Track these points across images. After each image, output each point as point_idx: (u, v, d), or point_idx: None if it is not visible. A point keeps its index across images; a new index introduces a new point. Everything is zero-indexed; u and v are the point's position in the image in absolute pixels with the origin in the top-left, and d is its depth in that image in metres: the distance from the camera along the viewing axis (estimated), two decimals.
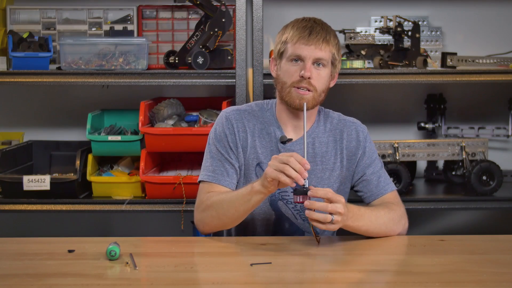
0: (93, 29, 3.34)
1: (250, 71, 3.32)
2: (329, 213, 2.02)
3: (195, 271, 1.92)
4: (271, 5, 3.43)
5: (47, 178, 3.07)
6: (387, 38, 3.35)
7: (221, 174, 2.29)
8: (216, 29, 3.09)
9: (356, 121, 2.42)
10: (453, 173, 3.40)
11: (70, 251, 2.05)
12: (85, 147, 3.19)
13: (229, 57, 3.16)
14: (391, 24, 3.25)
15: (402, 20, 3.21)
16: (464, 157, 3.23)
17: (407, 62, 3.18)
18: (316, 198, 2.05)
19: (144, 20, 3.34)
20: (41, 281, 1.81)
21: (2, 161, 3.11)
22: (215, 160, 2.31)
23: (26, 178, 3.06)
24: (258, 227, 2.34)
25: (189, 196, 3.03)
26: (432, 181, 3.50)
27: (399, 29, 3.18)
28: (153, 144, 3.08)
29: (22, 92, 3.56)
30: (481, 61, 3.25)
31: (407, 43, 3.23)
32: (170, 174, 3.17)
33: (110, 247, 1.96)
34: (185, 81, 3.11)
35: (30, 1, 3.40)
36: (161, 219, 3.47)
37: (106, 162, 3.31)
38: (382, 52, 3.28)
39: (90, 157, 3.15)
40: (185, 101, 3.31)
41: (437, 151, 3.25)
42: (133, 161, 3.33)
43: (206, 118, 3.17)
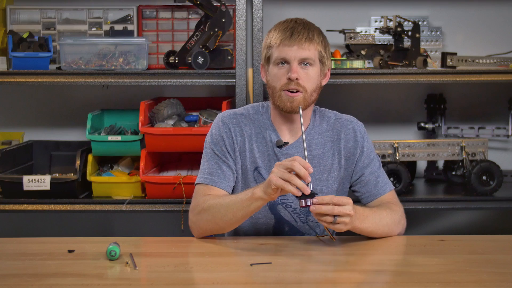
0: (93, 29, 3.35)
1: (250, 71, 3.32)
2: (333, 215, 2.01)
3: (195, 271, 1.92)
4: (271, 5, 3.43)
5: (47, 178, 3.07)
6: (387, 38, 3.35)
7: (217, 177, 2.27)
8: (216, 29, 3.09)
9: (353, 119, 2.39)
10: (453, 173, 3.40)
11: (70, 251, 2.05)
12: (85, 147, 3.19)
13: (229, 57, 3.16)
14: (391, 24, 3.25)
15: (402, 20, 3.21)
16: (464, 157, 3.23)
17: (407, 62, 3.18)
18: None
19: (144, 20, 3.34)
20: (41, 281, 1.81)
21: (2, 161, 3.11)
22: (211, 162, 2.29)
23: (26, 178, 3.07)
24: (257, 231, 2.33)
25: (189, 196, 3.02)
26: (432, 181, 3.50)
27: (399, 29, 3.18)
28: (153, 144, 3.08)
29: (22, 92, 3.56)
30: (481, 61, 3.25)
31: (407, 43, 3.23)
32: (170, 174, 3.17)
33: (110, 247, 1.96)
34: (185, 81, 3.11)
35: (30, 1, 3.40)
36: (161, 219, 3.47)
37: (106, 162, 3.31)
38: (382, 52, 3.28)
39: (90, 157, 3.15)
40: (185, 101, 3.31)
41: (437, 151, 3.25)
42: (133, 161, 3.33)
43: (206, 118, 3.17)
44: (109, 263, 1.95)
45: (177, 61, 3.14)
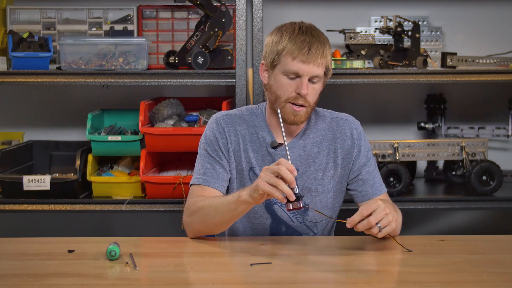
0: (93, 29, 3.35)
1: (250, 71, 3.32)
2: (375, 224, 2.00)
3: (195, 271, 1.92)
4: (271, 5, 3.43)
5: (47, 178, 3.07)
6: (387, 38, 3.35)
7: (211, 177, 2.27)
8: (216, 29, 3.09)
9: (349, 117, 2.38)
10: (453, 173, 3.40)
11: (70, 251, 2.05)
12: (85, 147, 3.19)
13: (229, 57, 3.16)
14: (391, 24, 3.25)
15: (402, 20, 3.21)
16: (464, 157, 3.23)
17: (407, 62, 3.18)
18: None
19: (144, 20, 3.34)
20: (41, 281, 1.81)
21: (2, 161, 3.11)
22: (205, 163, 2.30)
23: (26, 178, 3.07)
24: (254, 231, 2.33)
25: None
26: (432, 181, 3.50)
27: (399, 29, 3.18)
28: (153, 144, 3.08)
29: (22, 92, 3.56)
30: (481, 61, 3.24)
31: (407, 43, 3.23)
32: (170, 174, 3.17)
33: (110, 247, 1.96)
34: (185, 81, 3.11)
35: (30, 1, 3.40)
36: (161, 219, 3.48)
37: (106, 162, 3.31)
38: (382, 52, 3.28)
39: (90, 157, 3.15)
40: (185, 101, 3.31)
41: (437, 151, 3.25)
42: (133, 161, 3.33)
43: (206, 118, 3.17)
44: (109, 263, 1.95)
45: (177, 61, 3.14)
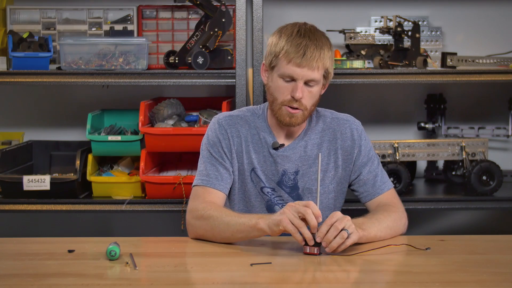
0: (93, 29, 3.34)
1: (250, 71, 3.32)
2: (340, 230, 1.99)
3: (195, 271, 1.92)
4: (271, 5, 3.43)
5: (47, 178, 3.07)
6: (387, 38, 3.35)
7: (215, 178, 2.27)
8: (216, 29, 3.09)
9: (350, 117, 2.39)
10: (453, 173, 3.40)
11: (70, 251, 2.05)
12: (85, 147, 3.19)
13: (229, 57, 3.16)
14: (391, 24, 3.25)
15: (402, 20, 3.21)
16: (464, 157, 3.23)
17: (407, 62, 3.17)
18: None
19: (144, 20, 3.34)
20: (41, 281, 1.81)
21: (2, 161, 3.11)
22: (208, 164, 2.29)
23: (26, 178, 3.06)
24: None
25: (189, 196, 3.02)
26: (432, 181, 3.50)
27: (399, 29, 3.18)
28: (153, 144, 3.08)
29: (22, 92, 3.56)
30: (481, 61, 3.24)
31: (407, 43, 3.23)
32: (170, 174, 3.17)
33: (110, 247, 1.96)
34: (185, 81, 3.11)
35: (30, 1, 3.40)
36: (161, 219, 3.47)
37: (106, 162, 3.31)
38: (382, 52, 3.28)
39: (90, 157, 3.15)
40: (185, 101, 3.31)
41: (437, 151, 3.25)
42: (133, 161, 3.33)
43: (206, 118, 3.17)
44: (109, 263, 1.95)
45: (177, 61, 3.14)
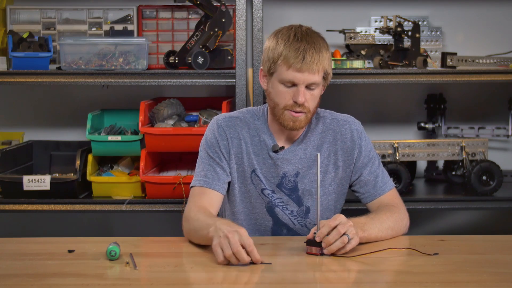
0: (93, 29, 3.34)
1: (250, 71, 3.32)
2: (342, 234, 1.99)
3: (195, 271, 1.92)
4: (271, 5, 3.43)
5: (47, 178, 3.07)
6: (387, 38, 3.35)
7: (212, 179, 2.27)
8: (216, 29, 3.09)
9: (350, 118, 2.38)
10: (453, 173, 3.40)
11: (70, 251, 2.05)
12: (85, 147, 3.19)
13: (229, 57, 3.16)
14: (391, 24, 3.25)
15: (402, 20, 3.21)
16: (464, 157, 3.23)
17: (407, 62, 3.18)
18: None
19: (144, 20, 3.34)
20: (41, 281, 1.81)
21: (2, 161, 3.11)
22: (206, 165, 2.29)
23: (26, 178, 3.06)
24: (256, 232, 2.33)
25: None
26: (432, 181, 3.50)
27: (399, 29, 3.18)
28: (153, 144, 3.08)
29: (22, 92, 3.56)
30: (481, 61, 3.24)
31: (407, 43, 3.23)
32: (170, 174, 3.17)
33: (110, 247, 1.96)
34: (185, 81, 3.11)
35: (30, 1, 3.40)
36: (161, 219, 3.47)
37: (106, 162, 3.31)
38: (382, 52, 3.28)
39: (90, 157, 3.15)
40: (185, 101, 3.31)
41: (437, 151, 3.25)
42: (133, 161, 3.33)
43: (206, 118, 3.17)
44: (109, 263, 1.95)
45: (177, 61, 3.14)
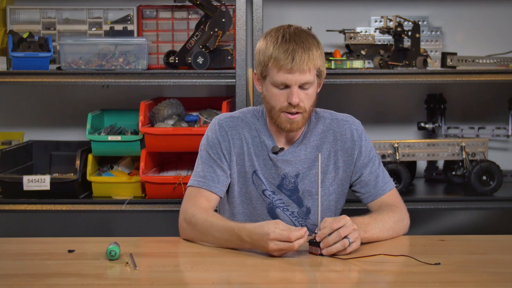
0: (93, 29, 3.35)
1: (250, 71, 3.32)
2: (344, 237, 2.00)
3: (195, 271, 1.92)
4: (271, 5, 3.43)
5: (47, 178, 3.07)
6: (387, 38, 3.35)
7: (211, 180, 2.26)
8: (216, 29, 3.09)
9: (349, 118, 2.37)
10: (453, 173, 3.40)
11: (70, 251, 2.05)
12: (85, 147, 3.19)
13: (229, 57, 3.16)
14: (391, 24, 3.25)
15: (402, 20, 3.21)
16: (464, 157, 3.23)
17: (407, 62, 3.18)
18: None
19: (144, 20, 3.34)
20: (41, 281, 1.81)
21: (2, 161, 3.11)
22: (206, 165, 2.28)
23: (26, 178, 3.06)
24: None
25: None
26: (432, 181, 3.50)
27: (399, 29, 3.18)
28: (153, 144, 3.08)
29: (22, 92, 3.56)
30: (481, 61, 3.24)
31: (407, 43, 3.23)
32: (170, 174, 3.17)
33: (110, 247, 1.96)
34: (185, 81, 3.11)
35: (30, 1, 3.40)
36: (161, 219, 3.47)
37: (106, 162, 3.31)
38: (382, 52, 3.28)
39: (90, 157, 3.15)
40: (185, 101, 3.31)
41: (437, 151, 3.25)
42: (133, 161, 3.33)
43: (206, 118, 3.17)
44: (109, 263, 1.95)
45: (177, 61, 3.14)
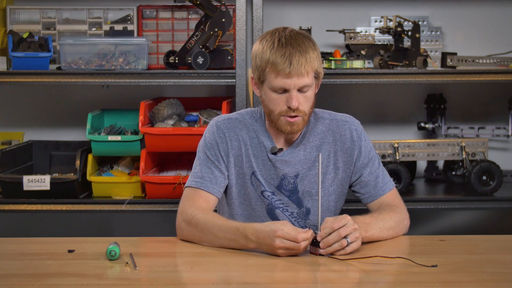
0: (93, 29, 3.35)
1: (250, 71, 3.32)
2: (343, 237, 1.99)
3: (195, 271, 1.92)
4: (271, 5, 3.43)
5: (47, 178, 3.07)
6: (387, 38, 3.35)
7: (209, 181, 2.26)
8: (216, 29, 3.09)
9: (349, 118, 2.36)
10: (453, 173, 3.40)
11: (70, 251, 2.05)
12: (85, 147, 3.19)
13: (229, 57, 3.16)
14: (391, 24, 3.25)
15: (402, 20, 3.21)
16: (464, 157, 3.23)
17: (407, 62, 3.18)
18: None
19: (144, 20, 3.35)
20: (41, 281, 1.81)
21: (2, 161, 3.11)
22: (204, 166, 2.28)
23: (26, 178, 3.06)
24: None
25: None
26: (432, 181, 3.51)
27: (399, 29, 3.18)
28: (153, 144, 3.08)
29: (22, 92, 3.56)
30: (481, 61, 3.25)
31: (407, 43, 3.23)
32: (170, 174, 3.17)
33: (110, 247, 1.96)
34: (185, 81, 3.11)
35: (30, 1, 3.40)
36: (161, 219, 3.47)
37: (106, 162, 3.31)
38: (382, 52, 3.28)
39: (90, 157, 3.15)
40: (185, 101, 3.31)
41: (437, 151, 3.25)
42: (133, 161, 3.33)
43: (206, 118, 3.17)
44: (109, 263, 1.95)
45: (177, 61, 3.14)
